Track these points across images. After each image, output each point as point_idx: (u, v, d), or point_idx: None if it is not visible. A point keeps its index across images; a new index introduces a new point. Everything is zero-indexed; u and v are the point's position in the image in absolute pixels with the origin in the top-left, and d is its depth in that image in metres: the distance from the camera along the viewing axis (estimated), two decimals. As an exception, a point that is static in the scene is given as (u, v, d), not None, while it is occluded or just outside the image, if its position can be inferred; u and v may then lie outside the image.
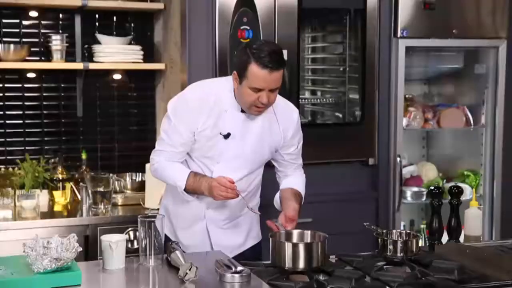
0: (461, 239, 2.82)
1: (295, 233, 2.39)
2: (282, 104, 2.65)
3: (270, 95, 2.43)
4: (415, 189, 4.04)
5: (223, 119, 2.51)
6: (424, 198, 4.01)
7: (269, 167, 2.76)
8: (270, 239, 2.29)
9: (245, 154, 2.56)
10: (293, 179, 2.72)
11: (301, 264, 2.22)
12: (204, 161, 2.57)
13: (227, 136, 2.52)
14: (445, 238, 2.79)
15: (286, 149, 2.66)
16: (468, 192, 3.86)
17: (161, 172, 2.60)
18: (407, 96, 4.07)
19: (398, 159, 3.76)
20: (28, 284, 1.97)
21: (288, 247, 2.23)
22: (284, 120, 2.62)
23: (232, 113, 2.52)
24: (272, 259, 2.29)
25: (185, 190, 2.53)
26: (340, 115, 3.86)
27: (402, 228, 3.88)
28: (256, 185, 2.69)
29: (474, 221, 2.84)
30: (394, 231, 2.51)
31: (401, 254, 2.36)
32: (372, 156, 3.73)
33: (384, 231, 2.51)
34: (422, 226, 4.05)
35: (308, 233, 2.36)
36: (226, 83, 2.55)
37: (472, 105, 4.14)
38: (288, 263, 2.22)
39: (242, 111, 2.53)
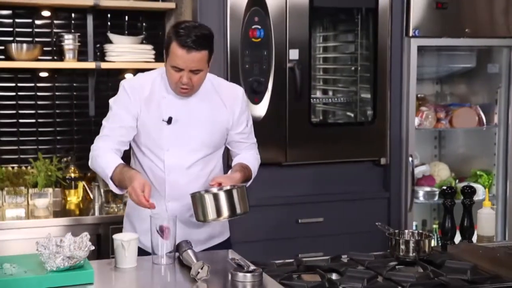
0: (474, 239, 2.81)
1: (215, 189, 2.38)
2: (226, 84, 2.68)
3: (192, 77, 2.43)
4: (427, 189, 4.02)
5: (162, 105, 2.52)
6: (436, 198, 3.99)
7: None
8: (191, 197, 2.34)
9: (194, 138, 2.54)
10: (244, 155, 2.69)
11: (225, 213, 2.29)
12: (154, 151, 2.55)
13: (169, 121, 2.51)
14: (457, 238, 2.78)
15: (235, 128, 2.63)
16: (481, 192, 3.84)
17: (95, 159, 2.52)
18: (419, 95, 4.05)
19: (410, 158, 3.74)
20: (41, 282, 1.98)
21: (209, 198, 2.29)
22: (229, 99, 2.60)
23: (170, 98, 2.53)
24: (196, 216, 2.34)
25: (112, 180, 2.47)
26: (352, 115, 3.85)
27: (414, 228, 3.86)
28: (218, 170, 2.65)
29: (487, 221, 2.82)
30: (406, 231, 2.51)
31: (414, 254, 2.36)
32: (384, 156, 3.72)
33: (396, 231, 2.50)
34: (435, 226, 4.03)
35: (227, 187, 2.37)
36: (162, 71, 2.56)
37: (484, 104, 4.12)
38: (211, 214, 2.28)
39: None
